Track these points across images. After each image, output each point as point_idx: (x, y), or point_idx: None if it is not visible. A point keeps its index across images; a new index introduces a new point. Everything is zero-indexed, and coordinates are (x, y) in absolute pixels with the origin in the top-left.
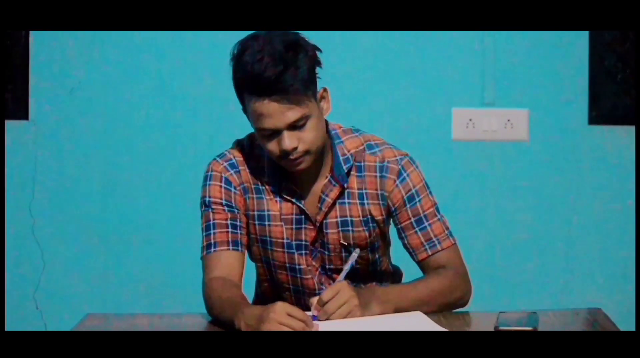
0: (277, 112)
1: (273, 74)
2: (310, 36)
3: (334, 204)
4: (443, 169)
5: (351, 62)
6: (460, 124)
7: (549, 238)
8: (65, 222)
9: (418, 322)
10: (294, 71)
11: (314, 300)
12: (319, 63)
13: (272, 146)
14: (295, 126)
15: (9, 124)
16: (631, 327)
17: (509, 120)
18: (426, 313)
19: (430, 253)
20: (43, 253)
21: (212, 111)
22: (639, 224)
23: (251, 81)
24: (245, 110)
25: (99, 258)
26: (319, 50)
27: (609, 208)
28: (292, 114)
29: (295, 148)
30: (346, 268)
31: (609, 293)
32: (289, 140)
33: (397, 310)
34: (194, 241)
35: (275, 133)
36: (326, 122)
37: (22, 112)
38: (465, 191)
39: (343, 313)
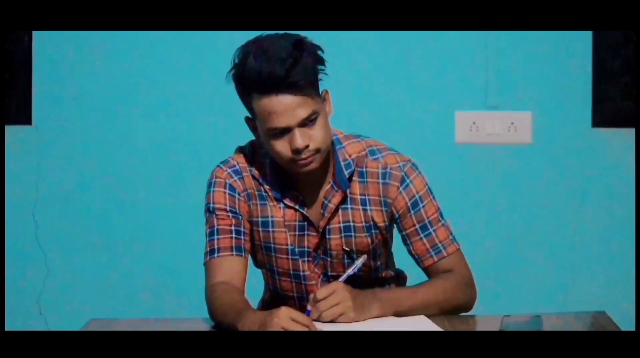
0: (288, 109)
1: (282, 69)
2: (311, 38)
3: (336, 210)
4: (447, 173)
5: (353, 66)
6: (463, 128)
7: (552, 240)
8: (68, 228)
9: (422, 325)
10: (302, 67)
11: (312, 296)
12: (323, 61)
13: (282, 146)
14: (306, 123)
15: (12, 129)
16: (633, 328)
17: (512, 123)
18: (429, 316)
19: (436, 259)
20: (46, 258)
21: (216, 118)
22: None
23: (260, 79)
24: (252, 114)
25: (103, 263)
26: (321, 50)
27: (613, 210)
28: (303, 110)
29: (307, 147)
30: (349, 271)
31: (613, 296)
32: (300, 138)
33: (398, 313)
34: (197, 247)
35: (286, 132)
36: None
37: (25, 118)
38: (468, 194)
39: (335, 314)
